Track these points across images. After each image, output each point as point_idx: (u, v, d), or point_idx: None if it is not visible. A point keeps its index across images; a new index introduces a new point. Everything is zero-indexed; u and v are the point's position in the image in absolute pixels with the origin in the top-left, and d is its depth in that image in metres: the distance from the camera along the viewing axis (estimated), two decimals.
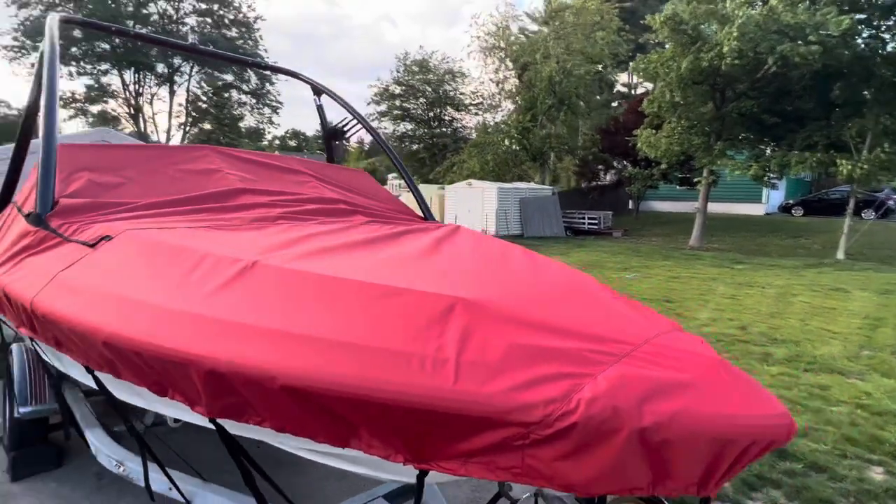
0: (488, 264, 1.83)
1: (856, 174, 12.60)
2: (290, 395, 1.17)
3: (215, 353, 1.26)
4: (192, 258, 1.61)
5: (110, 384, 1.78)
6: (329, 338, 1.22)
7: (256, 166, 2.98)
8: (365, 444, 1.17)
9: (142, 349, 1.38)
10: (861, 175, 12.67)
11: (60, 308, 1.62)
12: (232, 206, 2.42)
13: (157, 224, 2.03)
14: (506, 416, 1.02)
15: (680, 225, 21.13)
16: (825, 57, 11.82)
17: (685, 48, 13.70)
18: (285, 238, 1.91)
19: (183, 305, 1.43)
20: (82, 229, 2.02)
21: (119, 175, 2.52)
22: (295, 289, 1.41)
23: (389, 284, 1.36)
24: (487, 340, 1.15)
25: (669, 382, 1.06)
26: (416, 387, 1.08)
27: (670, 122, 15.23)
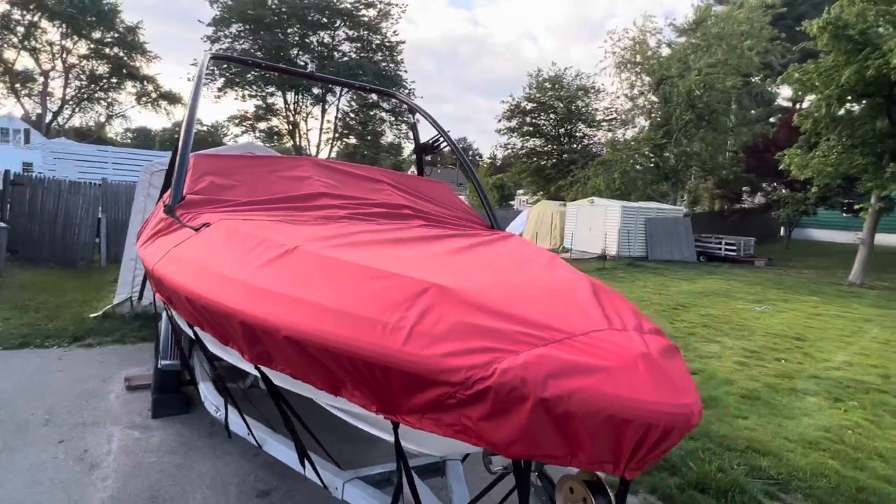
0: (495, 263, 1.97)
1: None
2: (291, 344, 1.48)
3: (246, 308, 1.62)
4: (254, 241, 2.00)
5: (203, 337, 2.25)
6: (325, 304, 1.50)
7: (343, 175, 3.40)
8: (349, 393, 1.42)
9: (206, 304, 1.79)
10: None
11: (167, 273, 2.13)
12: (310, 206, 2.83)
13: (245, 217, 2.48)
14: (436, 376, 1.21)
15: (841, 257, 18.42)
16: None
17: (850, 56, 12.04)
18: (335, 232, 2.24)
19: (236, 274, 1.82)
20: (195, 218, 2.54)
21: (234, 179, 3.06)
22: (314, 268, 1.71)
23: (384, 269, 1.59)
24: (441, 317, 1.34)
25: (581, 365, 1.15)
26: (376, 345, 1.31)
27: (828, 139, 13.43)
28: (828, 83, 12.65)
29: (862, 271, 13.90)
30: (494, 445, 1.19)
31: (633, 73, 21.87)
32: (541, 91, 32.65)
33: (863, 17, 11.53)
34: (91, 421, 3.73)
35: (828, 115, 12.95)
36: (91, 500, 2.79)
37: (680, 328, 7.84)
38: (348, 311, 1.44)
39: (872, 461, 3.69)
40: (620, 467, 1.13)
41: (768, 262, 17.72)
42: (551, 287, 1.65)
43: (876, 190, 12.97)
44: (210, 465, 3.24)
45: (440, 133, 4.10)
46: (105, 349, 5.32)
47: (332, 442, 3.23)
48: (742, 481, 3.26)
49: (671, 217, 18.29)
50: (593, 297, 1.58)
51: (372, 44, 30.00)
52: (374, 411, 1.38)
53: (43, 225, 10.25)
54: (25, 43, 32.26)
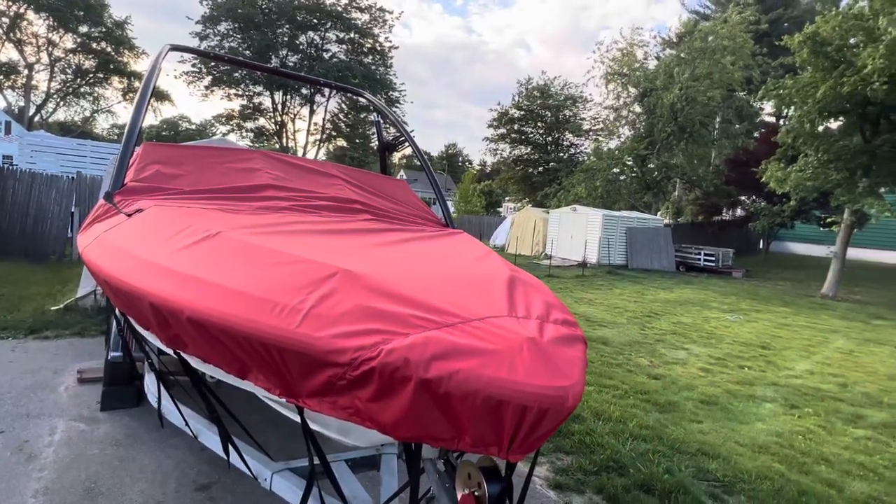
0: (423, 256, 1.98)
1: None
2: (194, 325, 1.46)
3: (153, 289, 1.60)
4: (180, 226, 1.98)
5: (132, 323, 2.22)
6: (229, 287, 1.48)
7: (295, 168, 3.39)
8: (254, 377, 1.41)
9: (119, 286, 1.77)
10: None
11: (92, 257, 2.11)
12: (253, 197, 2.82)
13: (182, 205, 2.47)
14: (325, 356, 1.21)
15: (817, 270, 18.70)
16: None
17: (826, 73, 12.30)
18: (268, 221, 2.23)
19: (151, 257, 1.80)
20: (131, 205, 2.51)
21: (181, 169, 3.04)
22: (230, 253, 1.70)
23: (298, 255, 1.59)
24: (341, 301, 1.34)
25: (465, 348, 1.16)
26: (272, 326, 1.31)
27: (807, 154, 13.67)
28: (805, 99, 12.90)
29: (835, 284, 14.13)
30: (383, 427, 1.19)
31: (619, 83, 22.12)
32: (529, 99, 32.93)
33: (839, 31, 11.77)
34: (36, 413, 3.66)
35: (806, 130, 13.18)
36: (24, 491, 2.74)
37: (650, 335, 7.91)
38: (251, 294, 1.44)
39: (818, 465, 3.75)
40: (503, 449, 1.14)
41: (746, 274, 17.96)
42: (467, 278, 1.66)
43: (849, 204, 13.21)
44: (153, 458, 3.20)
45: (401, 132, 4.12)
46: (62, 342, 5.23)
47: (273, 433, 3.22)
48: (687, 482, 3.29)
49: (652, 227, 18.47)
50: (505, 287, 1.59)
51: (363, 47, 30.07)
52: (277, 395, 1.37)
53: (13, 217, 10.08)
54: (10, 35, 31.82)
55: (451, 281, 1.59)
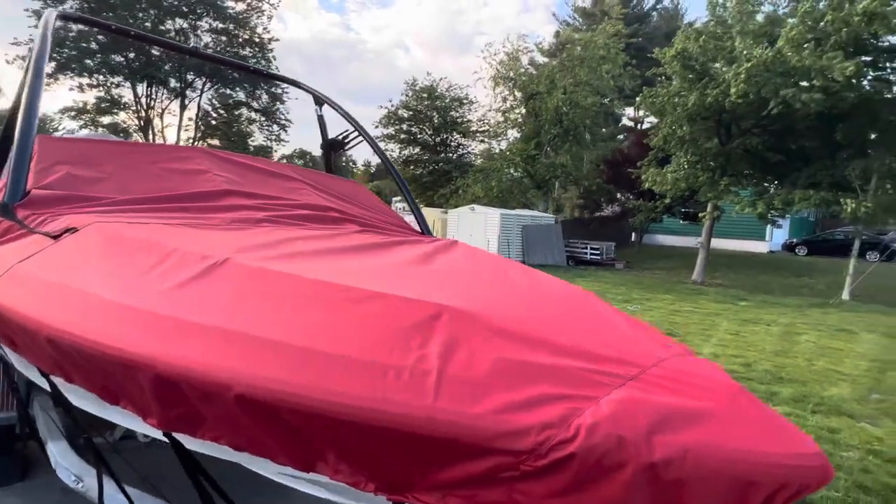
0: (482, 276, 1.70)
1: (860, 213, 12.49)
2: (247, 407, 1.03)
3: (165, 355, 1.12)
4: (157, 253, 1.49)
5: (65, 389, 1.64)
6: (295, 344, 1.08)
7: (247, 170, 2.88)
8: (331, 469, 1.03)
9: (86, 348, 1.24)
10: (865, 215, 12.56)
11: (10, 302, 1.49)
12: (215, 207, 2.31)
13: (130, 219, 1.91)
14: (493, 443, 0.88)
15: (682, 259, 20.99)
16: (829, 101, 11.85)
17: (692, 84, 13.79)
18: (264, 240, 1.79)
19: (137, 301, 1.30)
20: (49, 221, 1.90)
21: (99, 170, 2.41)
22: (264, 289, 1.28)
23: (368, 289, 1.23)
24: (475, 354, 1.02)
25: (683, 411, 0.92)
26: (392, 403, 0.95)
27: (677, 156, 15.24)
28: (675, 106, 14.38)
29: (702, 271, 15.93)
30: None
31: (506, 87, 22.96)
32: (417, 100, 33.02)
33: (703, 49, 13.26)
34: None
35: (677, 135, 14.68)
36: None
37: None
38: (333, 352, 1.05)
39: None
40: None
41: (627, 265, 19.60)
42: (568, 302, 1.42)
43: (712, 201, 15.00)
44: None
45: (355, 127, 3.73)
46: None
47: None
48: None
49: (544, 224, 19.43)
50: (614, 312, 1.38)
51: (239, 38, 27.91)
52: (370, 490, 1.00)
53: None
54: None
55: (562, 310, 1.34)
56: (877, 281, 14.82)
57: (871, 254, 19.08)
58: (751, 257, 22.37)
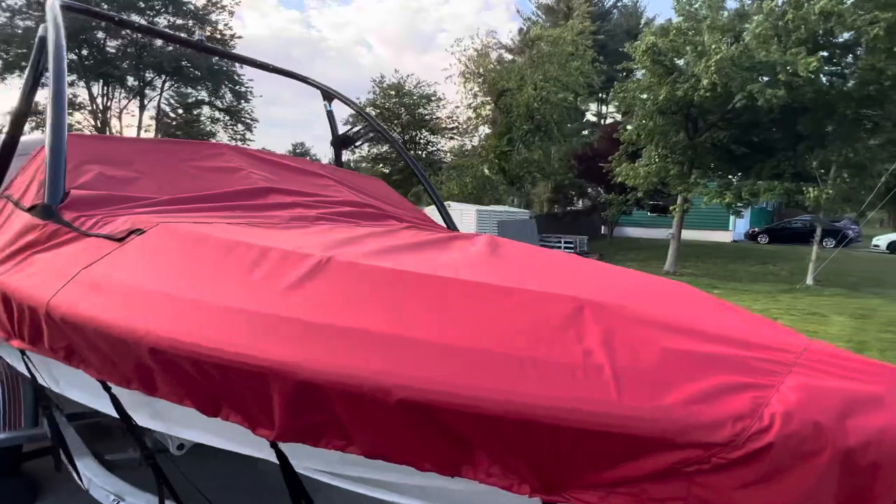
0: (573, 268, 1.70)
1: (821, 201, 13.13)
2: (409, 411, 1.00)
3: (310, 361, 1.07)
4: (250, 253, 1.42)
5: (129, 404, 1.56)
6: (453, 344, 1.05)
7: (277, 167, 2.81)
8: (482, 472, 1.01)
9: (205, 356, 1.17)
10: (826, 203, 13.20)
11: (86, 309, 1.41)
12: (263, 205, 2.24)
13: (192, 219, 1.83)
14: (685, 437, 0.87)
15: (652, 251, 21.57)
16: (792, 95, 12.38)
17: (662, 78, 14.16)
18: (340, 237, 1.75)
19: (255, 305, 1.24)
20: (103, 223, 1.80)
21: (131, 169, 2.30)
22: (385, 288, 1.24)
23: (498, 284, 1.21)
24: (637, 346, 1.02)
25: (859, 394, 0.93)
26: (570, 401, 0.93)
27: (648, 150, 15.63)
28: (645, 101, 14.76)
29: (674, 262, 16.40)
30: None
31: (477, 83, 23.03)
32: (385, 98, 32.77)
33: (673, 44, 13.64)
34: None
35: (648, 128, 15.06)
36: None
37: None
38: (497, 351, 1.03)
39: None
40: None
41: (600, 257, 20.02)
42: (676, 290, 1.44)
43: (682, 194, 15.46)
44: None
45: (369, 121, 3.66)
46: None
47: None
48: None
49: (519, 219, 19.62)
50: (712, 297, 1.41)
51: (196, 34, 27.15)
52: (524, 492, 0.98)
53: None
54: None
55: (685, 300, 1.35)
56: (835, 266, 15.60)
57: (827, 240, 20.10)
58: (717, 247, 23.16)
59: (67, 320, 1.42)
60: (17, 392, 2.76)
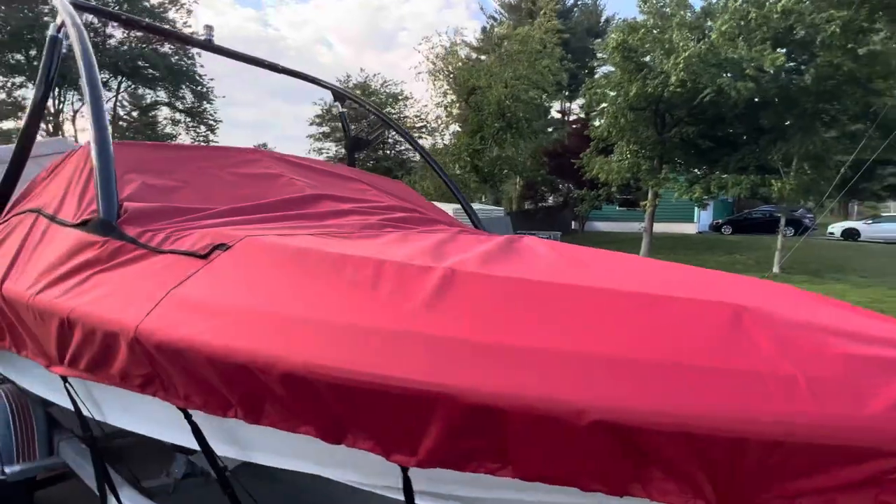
0: (655, 270, 1.69)
1: (785, 193, 13.72)
2: (598, 432, 0.95)
3: (487, 384, 1.01)
4: (363, 267, 1.34)
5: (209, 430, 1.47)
6: (634, 358, 1.01)
7: (311, 171, 2.72)
8: (655, 490, 0.97)
9: (354, 381, 1.08)
10: (789, 194, 13.80)
11: (190, 334, 1.29)
12: (320, 213, 2.14)
13: (269, 232, 1.73)
14: (888, 444, 0.86)
15: (624, 244, 22.07)
16: (757, 89, 12.88)
17: (632, 75, 14.49)
18: (427, 245, 1.68)
19: (397, 324, 1.17)
20: (174, 238, 1.68)
21: (172, 178, 2.18)
22: (534, 300, 1.18)
23: (638, 291, 1.19)
24: (815, 352, 1.00)
25: None
26: (777, 414, 0.91)
27: (619, 146, 15.97)
28: (616, 97, 15.08)
29: (647, 254, 16.80)
30: None
31: (446, 81, 23.00)
32: None
33: (643, 41, 13.97)
34: None
35: (619, 124, 15.39)
36: None
37: None
38: (682, 364, 0.99)
39: None
40: None
41: None
42: (788, 291, 1.44)
43: (654, 188, 15.88)
44: None
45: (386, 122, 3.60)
46: None
47: None
48: None
49: (495, 217, 19.69)
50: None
51: None
52: None
53: None
54: None
55: (789, 297, 1.36)
56: (797, 254, 16.32)
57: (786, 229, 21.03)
58: (684, 238, 23.89)
59: (165, 346, 1.30)
60: (30, 420, 2.59)
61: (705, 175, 15.63)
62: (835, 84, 13.19)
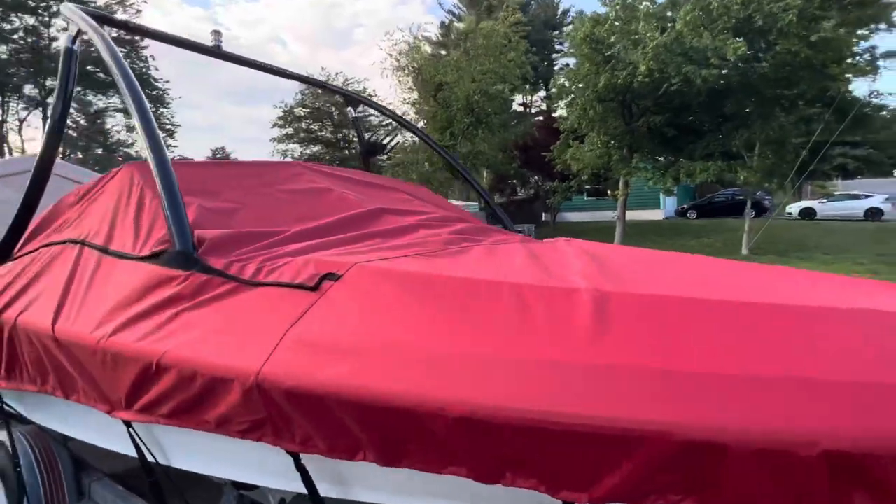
0: (756, 273, 1.69)
1: (750, 179, 14.24)
2: (823, 462, 0.89)
3: (701, 419, 0.93)
4: (498, 293, 1.26)
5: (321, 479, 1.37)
6: (840, 380, 0.96)
7: (351, 182, 2.61)
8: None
9: (536, 422, 0.99)
10: (754, 178, 14.32)
11: (335, 378, 1.16)
12: (392, 230, 2.02)
13: (364, 257, 1.59)
14: None
15: (595, 234, 22.48)
16: (722, 77, 13.29)
17: (600, 66, 14.71)
18: (522, 260, 1.64)
19: (568, 356, 1.08)
20: (269, 268, 1.53)
21: (225, 199, 2.03)
22: (680, 320, 1.12)
23: (783, 303, 1.18)
24: None
25: None
26: None
27: (590, 136, 16.21)
28: (585, 89, 15.29)
29: (621, 242, 17.18)
30: None
31: (412, 78, 22.83)
32: (314, 97, 31.76)
33: (609, 33, 14.20)
34: None
35: (591, 116, 15.62)
36: None
37: None
38: (886, 383, 0.94)
39: None
40: None
41: None
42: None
43: (626, 177, 16.22)
44: None
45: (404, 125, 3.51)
46: None
47: None
48: None
49: (471, 211, 19.75)
50: None
51: None
52: None
53: None
54: None
55: (879, 291, 1.37)
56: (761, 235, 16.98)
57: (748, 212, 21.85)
58: (652, 225, 24.50)
59: (297, 392, 1.17)
60: (55, 463, 2.42)
61: (673, 163, 16.04)
62: (791, 70, 13.74)
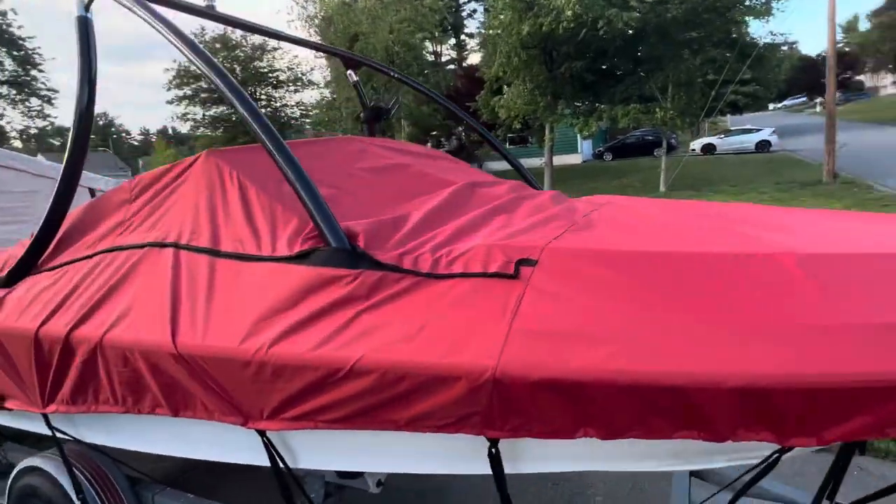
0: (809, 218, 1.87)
1: (666, 119, 15.18)
2: None
3: None
4: (706, 265, 1.30)
5: None
6: None
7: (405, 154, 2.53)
8: None
9: (831, 384, 1.03)
10: (669, 119, 15.28)
11: (586, 363, 1.15)
12: (499, 207, 1.93)
13: (531, 239, 1.54)
14: None
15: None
16: (639, 20, 13.80)
17: (523, 14, 14.70)
18: (637, 224, 1.72)
19: (841, 319, 1.12)
20: (447, 258, 1.45)
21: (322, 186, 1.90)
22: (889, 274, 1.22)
23: None
24: None
25: None
26: None
27: (515, 84, 16.34)
28: (508, 37, 15.28)
29: (551, 187, 17.84)
30: None
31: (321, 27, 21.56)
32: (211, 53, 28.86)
33: None
34: None
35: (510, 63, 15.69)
36: None
37: None
38: None
39: None
40: None
41: None
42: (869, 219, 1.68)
43: (552, 123, 16.65)
44: None
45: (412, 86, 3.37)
46: None
47: None
48: None
49: None
50: None
51: None
52: None
53: None
54: None
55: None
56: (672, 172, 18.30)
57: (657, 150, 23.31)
58: (573, 169, 25.53)
59: (546, 382, 1.15)
60: (112, 485, 2.25)
61: (595, 108, 16.66)
62: (698, 13, 14.53)
